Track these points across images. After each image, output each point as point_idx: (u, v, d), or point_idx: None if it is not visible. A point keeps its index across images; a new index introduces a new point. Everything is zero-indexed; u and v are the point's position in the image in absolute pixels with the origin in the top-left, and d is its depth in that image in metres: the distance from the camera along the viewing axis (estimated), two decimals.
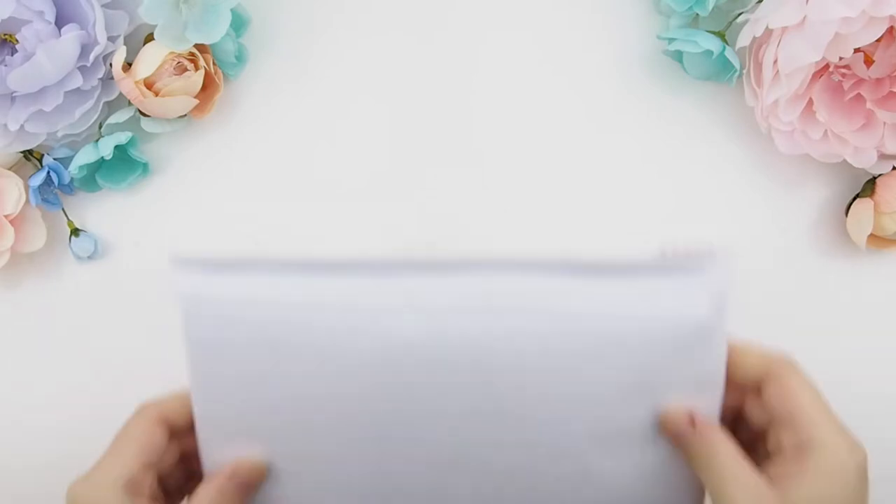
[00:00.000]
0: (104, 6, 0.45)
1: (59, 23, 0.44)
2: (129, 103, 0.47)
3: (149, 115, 0.47)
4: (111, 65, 0.45)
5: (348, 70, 0.50)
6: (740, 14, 0.47)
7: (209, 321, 0.37)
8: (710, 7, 0.47)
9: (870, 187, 0.48)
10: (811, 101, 0.46)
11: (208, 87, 0.47)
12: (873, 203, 0.47)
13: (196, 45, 0.46)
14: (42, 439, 0.49)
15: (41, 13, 0.43)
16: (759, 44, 0.45)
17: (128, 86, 0.45)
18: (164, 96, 0.45)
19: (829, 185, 0.50)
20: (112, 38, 0.45)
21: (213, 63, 0.47)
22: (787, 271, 0.49)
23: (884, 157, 0.47)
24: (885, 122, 0.46)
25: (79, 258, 0.49)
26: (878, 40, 0.43)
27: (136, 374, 0.48)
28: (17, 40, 0.44)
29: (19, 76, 0.43)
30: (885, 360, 0.49)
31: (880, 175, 0.48)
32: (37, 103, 0.45)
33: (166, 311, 0.47)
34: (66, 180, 0.48)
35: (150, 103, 0.46)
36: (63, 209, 0.49)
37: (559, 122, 0.50)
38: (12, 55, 0.44)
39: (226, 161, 0.49)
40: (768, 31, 0.44)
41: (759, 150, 0.49)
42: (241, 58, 0.49)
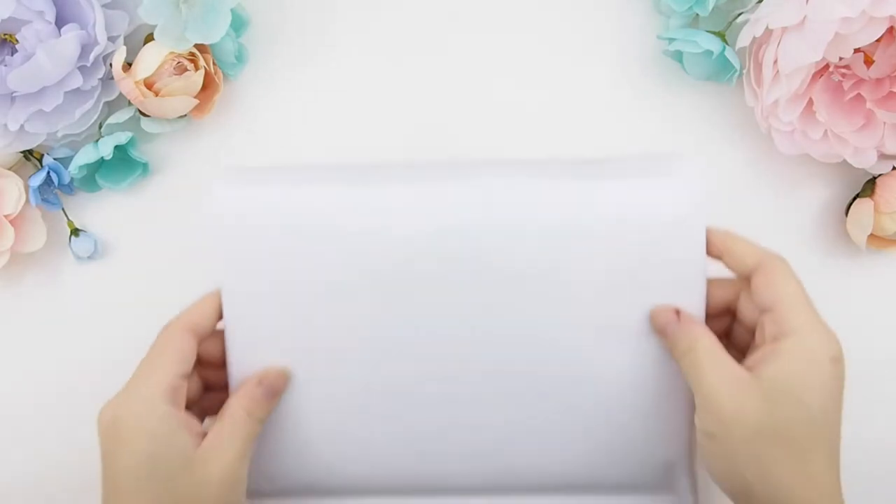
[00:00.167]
0: (104, 6, 0.45)
1: (59, 23, 0.44)
2: (129, 103, 0.47)
3: (149, 115, 0.47)
4: (111, 65, 0.45)
5: (348, 70, 0.50)
6: (740, 14, 0.47)
7: (238, 230, 0.41)
8: (710, 7, 0.47)
9: (870, 187, 0.48)
10: (811, 101, 0.46)
11: (208, 87, 0.47)
12: (873, 203, 0.47)
13: (196, 45, 0.46)
14: (42, 439, 0.49)
15: (41, 13, 0.43)
16: (759, 44, 0.45)
17: (128, 86, 0.45)
18: (164, 96, 0.45)
19: (829, 185, 0.50)
20: (112, 38, 0.45)
21: (213, 63, 0.47)
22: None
23: (884, 157, 0.47)
24: (885, 122, 0.46)
25: (79, 258, 0.49)
26: (878, 40, 0.43)
27: None
28: (17, 40, 0.44)
29: (19, 76, 0.43)
30: (886, 359, 0.49)
31: (880, 175, 0.48)
32: (37, 103, 0.45)
33: (166, 311, 0.47)
34: (66, 180, 0.48)
35: (150, 103, 0.46)
36: (63, 209, 0.49)
37: (559, 122, 0.50)
38: (12, 55, 0.45)
39: (226, 161, 0.49)
40: (768, 31, 0.44)
41: (759, 150, 0.49)
42: (241, 58, 0.49)
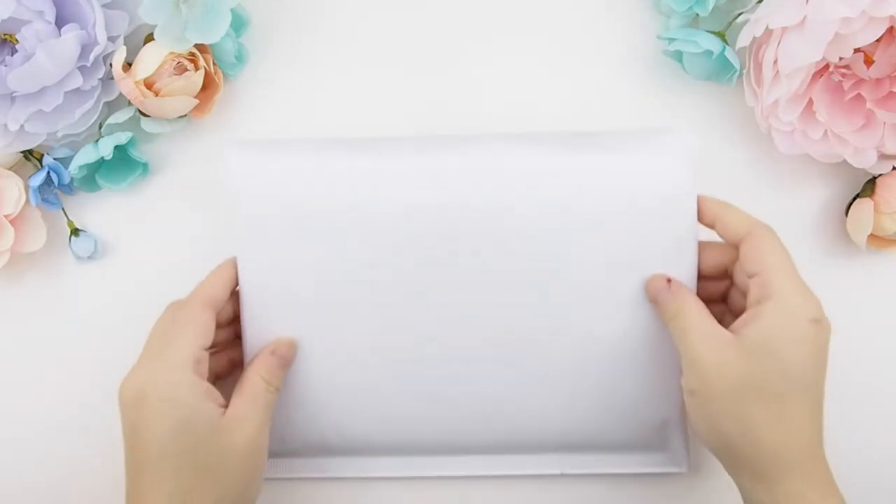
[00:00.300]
0: (104, 6, 0.45)
1: (59, 23, 0.44)
2: (129, 103, 0.47)
3: (149, 115, 0.47)
4: (111, 65, 0.45)
5: (348, 70, 0.50)
6: (740, 14, 0.47)
7: (251, 194, 0.44)
8: (710, 7, 0.47)
9: (870, 187, 0.48)
10: (811, 101, 0.46)
11: (208, 87, 0.47)
12: (873, 203, 0.47)
13: (196, 45, 0.46)
14: (42, 438, 0.49)
15: (41, 13, 0.43)
16: (759, 44, 0.45)
17: (128, 86, 0.45)
18: (164, 96, 0.45)
19: (829, 185, 0.50)
20: (112, 38, 0.45)
21: (213, 63, 0.47)
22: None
23: (884, 157, 0.47)
24: (885, 122, 0.46)
25: (79, 258, 0.49)
26: (878, 40, 0.43)
27: None
28: (17, 40, 0.44)
29: (19, 76, 0.43)
30: (886, 359, 0.49)
31: (880, 175, 0.48)
32: (37, 103, 0.45)
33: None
34: (66, 180, 0.48)
35: (150, 103, 0.46)
36: (63, 209, 0.49)
37: (560, 122, 0.49)
38: (12, 55, 0.45)
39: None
40: (768, 31, 0.44)
41: (759, 150, 0.49)
42: (241, 58, 0.49)
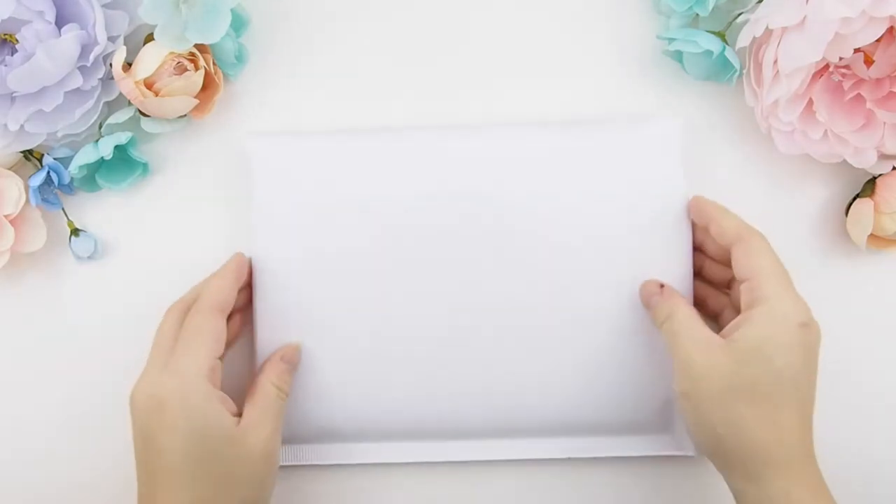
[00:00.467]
0: (104, 6, 0.45)
1: (59, 23, 0.44)
2: (129, 103, 0.47)
3: (149, 115, 0.47)
4: (111, 65, 0.45)
5: (348, 70, 0.50)
6: (740, 14, 0.47)
7: (275, 182, 0.46)
8: (710, 7, 0.47)
9: (870, 187, 0.48)
10: (811, 101, 0.46)
11: (208, 87, 0.47)
12: (873, 203, 0.47)
13: (196, 45, 0.46)
14: (42, 438, 0.49)
15: (41, 13, 0.43)
16: (759, 44, 0.45)
17: (128, 86, 0.45)
18: (164, 96, 0.45)
19: (829, 185, 0.50)
20: (112, 38, 0.45)
21: (213, 63, 0.47)
22: (788, 271, 0.49)
23: (884, 157, 0.47)
24: (885, 122, 0.46)
25: (79, 258, 0.49)
26: (878, 40, 0.43)
27: (136, 373, 0.48)
28: (17, 40, 0.44)
29: (19, 76, 0.43)
30: (886, 359, 0.49)
31: (880, 175, 0.48)
32: (37, 103, 0.45)
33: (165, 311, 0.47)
34: (66, 180, 0.48)
35: (150, 103, 0.46)
36: (63, 209, 0.49)
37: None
38: (12, 55, 0.44)
39: (226, 161, 0.49)
40: (768, 31, 0.44)
41: (759, 150, 0.49)
42: (241, 58, 0.49)
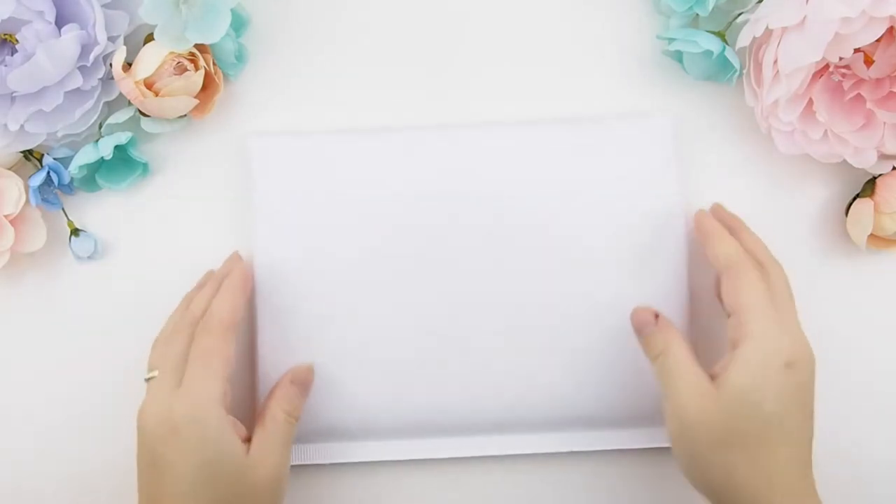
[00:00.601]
0: (104, 6, 0.45)
1: (59, 23, 0.44)
2: (129, 103, 0.47)
3: (149, 115, 0.47)
4: (111, 65, 0.45)
5: (348, 70, 0.50)
6: (740, 14, 0.47)
7: (276, 181, 0.47)
8: (710, 7, 0.47)
9: (870, 187, 0.48)
10: (811, 101, 0.46)
11: (208, 87, 0.47)
12: (873, 203, 0.47)
13: (196, 45, 0.46)
14: (42, 438, 0.49)
15: (41, 13, 0.43)
16: (759, 44, 0.45)
17: (128, 86, 0.45)
18: (164, 96, 0.45)
19: (829, 185, 0.50)
20: (112, 38, 0.45)
21: (213, 63, 0.47)
22: (787, 271, 0.49)
23: (884, 157, 0.47)
24: (885, 122, 0.46)
25: (79, 258, 0.49)
26: (878, 40, 0.43)
27: (136, 373, 0.48)
28: (17, 40, 0.44)
29: (19, 76, 0.43)
30: (886, 359, 0.49)
31: (880, 175, 0.48)
32: (37, 103, 0.45)
33: (166, 311, 0.47)
34: (66, 180, 0.48)
35: (150, 103, 0.46)
36: (63, 209, 0.49)
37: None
38: (12, 55, 0.44)
39: (226, 161, 0.49)
40: (768, 31, 0.44)
41: (759, 150, 0.49)
42: (241, 58, 0.49)
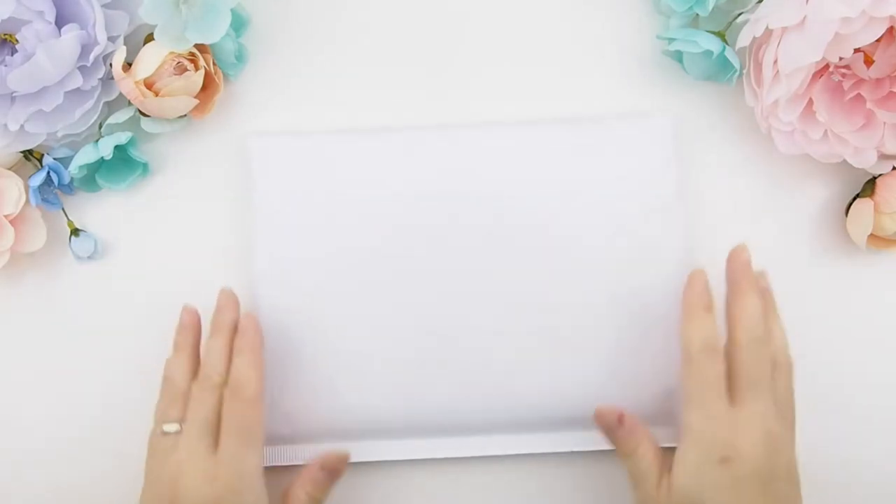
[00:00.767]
0: (104, 6, 0.45)
1: (59, 23, 0.44)
2: (129, 103, 0.47)
3: (149, 115, 0.47)
4: (111, 65, 0.45)
5: (348, 70, 0.50)
6: (740, 14, 0.47)
7: (275, 177, 0.47)
8: (710, 7, 0.47)
9: (870, 187, 0.48)
10: (811, 101, 0.46)
11: (208, 87, 0.47)
12: (873, 203, 0.47)
13: (196, 45, 0.46)
14: (42, 438, 0.49)
15: (41, 13, 0.43)
16: (759, 44, 0.45)
17: (128, 86, 0.45)
18: (164, 96, 0.45)
19: (829, 185, 0.50)
20: (112, 38, 0.45)
21: (213, 63, 0.47)
22: (787, 271, 0.49)
23: (884, 157, 0.47)
24: (885, 122, 0.46)
25: (79, 258, 0.49)
26: (878, 40, 0.43)
27: (135, 373, 0.48)
28: (17, 40, 0.44)
29: (19, 76, 0.43)
30: (886, 359, 0.49)
31: (880, 175, 0.48)
32: (37, 103, 0.45)
33: (166, 311, 0.47)
34: (66, 180, 0.48)
35: (150, 103, 0.46)
36: (63, 209, 0.49)
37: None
38: (12, 55, 0.45)
39: (226, 161, 0.49)
40: (768, 31, 0.44)
41: (759, 150, 0.49)
42: (241, 58, 0.49)
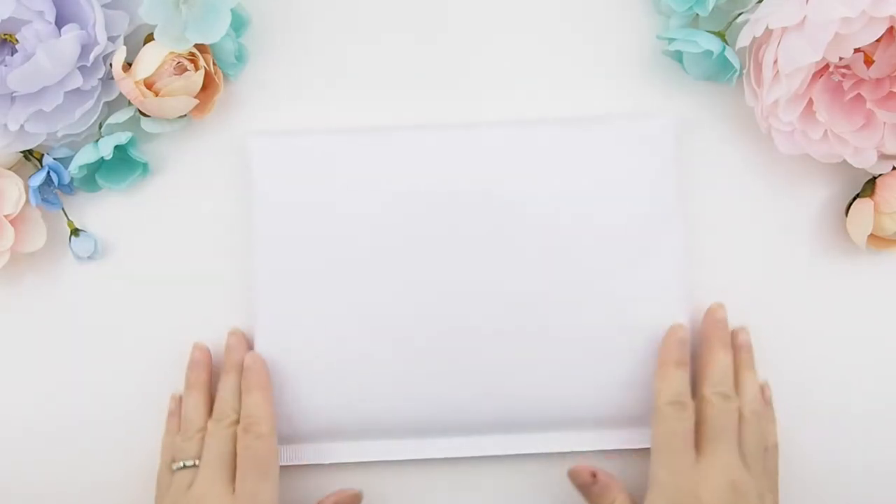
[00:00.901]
0: (104, 6, 0.45)
1: (59, 23, 0.44)
2: (129, 103, 0.47)
3: (149, 115, 0.47)
4: (111, 65, 0.45)
5: (348, 70, 0.50)
6: (740, 14, 0.47)
7: (275, 177, 0.47)
8: (710, 7, 0.47)
9: (870, 187, 0.48)
10: (811, 101, 0.46)
11: (208, 87, 0.47)
12: (873, 203, 0.47)
13: (196, 45, 0.46)
14: (42, 439, 0.49)
15: (41, 13, 0.43)
16: (759, 44, 0.45)
17: (128, 86, 0.45)
18: (164, 96, 0.45)
19: (829, 185, 0.50)
20: (112, 38, 0.45)
21: (213, 63, 0.47)
22: (787, 271, 0.49)
23: (884, 157, 0.47)
24: (885, 122, 0.46)
25: (79, 258, 0.49)
26: (878, 40, 0.43)
27: (135, 374, 0.48)
28: (17, 40, 0.44)
29: (19, 76, 0.43)
30: (885, 360, 0.49)
31: (880, 175, 0.48)
32: (37, 103, 0.45)
33: (166, 311, 0.47)
34: (66, 180, 0.48)
35: (150, 103, 0.46)
36: (63, 209, 0.49)
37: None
38: (12, 55, 0.44)
39: (226, 161, 0.49)
40: (768, 31, 0.44)
41: (759, 150, 0.49)
42: (241, 58, 0.49)
